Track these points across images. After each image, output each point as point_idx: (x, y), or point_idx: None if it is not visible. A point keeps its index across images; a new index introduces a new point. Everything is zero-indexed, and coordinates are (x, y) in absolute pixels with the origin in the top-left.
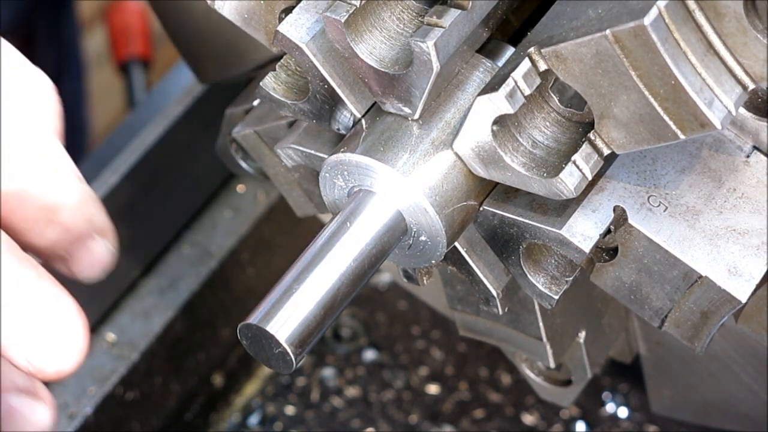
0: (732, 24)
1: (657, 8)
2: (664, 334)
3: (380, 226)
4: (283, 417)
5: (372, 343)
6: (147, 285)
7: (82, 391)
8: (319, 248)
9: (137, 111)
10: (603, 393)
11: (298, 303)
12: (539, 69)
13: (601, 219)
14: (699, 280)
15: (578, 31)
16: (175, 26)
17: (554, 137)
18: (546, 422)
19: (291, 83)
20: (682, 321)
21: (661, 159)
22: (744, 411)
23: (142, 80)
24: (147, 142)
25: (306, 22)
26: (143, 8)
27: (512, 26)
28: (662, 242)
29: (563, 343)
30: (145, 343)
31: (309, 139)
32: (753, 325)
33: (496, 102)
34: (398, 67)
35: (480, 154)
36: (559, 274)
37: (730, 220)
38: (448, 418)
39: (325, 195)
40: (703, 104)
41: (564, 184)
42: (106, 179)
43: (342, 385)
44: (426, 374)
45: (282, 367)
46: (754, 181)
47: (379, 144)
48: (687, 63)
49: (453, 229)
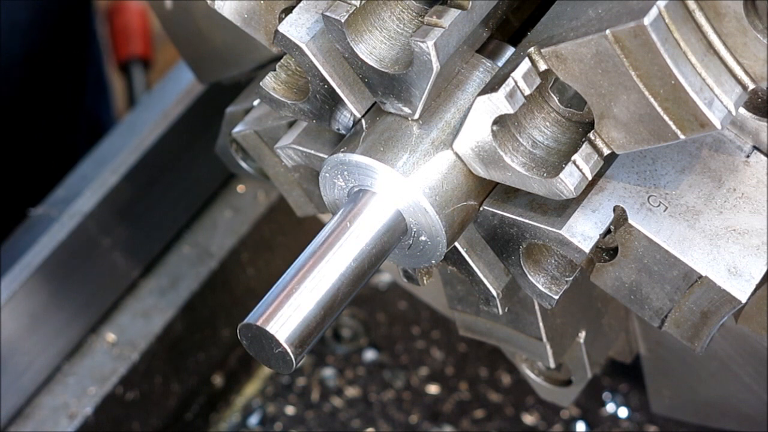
0: (732, 24)
1: (657, 8)
2: (664, 334)
3: (380, 226)
4: (283, 417)
5: (372, 343)
6: (147, 285)
7: (82, 391)
8: (319, 248)
9: (137, 111)
10: (603, 393)
11: (298, 303)
12: (539, 69)
13: (601, 219)
14: (699, 280)
15: (578, 31)
16: (175, 26)
17: (554, 137)
18: (546, 422)
19: (291, 83)
20: (682, 321)
21: (661, 159)
22: (744, 411)
23: (142, 80)
24: (147, 142)
25: (306, 22)
26: (143, 8)
27: (512, 26)
28: (662, 242)
29: (563, 343)
30: (145, 343)
31: (309, 139)
32: (753, 325)
33: (496, 102)
34: (398, 67)
35: (480, 154)
36: (559, 274)
37: (730, 220)
38: (448, 418)
39: (325, 195)
40: (703, 104)
41: (564, 184)
42: (106, 179)
43: (342, 385)
44: (426, 374)
45: (282, 367)
46: (754, 181)
47: (379, 144)
48: (687, 63)
49: (453, 229)
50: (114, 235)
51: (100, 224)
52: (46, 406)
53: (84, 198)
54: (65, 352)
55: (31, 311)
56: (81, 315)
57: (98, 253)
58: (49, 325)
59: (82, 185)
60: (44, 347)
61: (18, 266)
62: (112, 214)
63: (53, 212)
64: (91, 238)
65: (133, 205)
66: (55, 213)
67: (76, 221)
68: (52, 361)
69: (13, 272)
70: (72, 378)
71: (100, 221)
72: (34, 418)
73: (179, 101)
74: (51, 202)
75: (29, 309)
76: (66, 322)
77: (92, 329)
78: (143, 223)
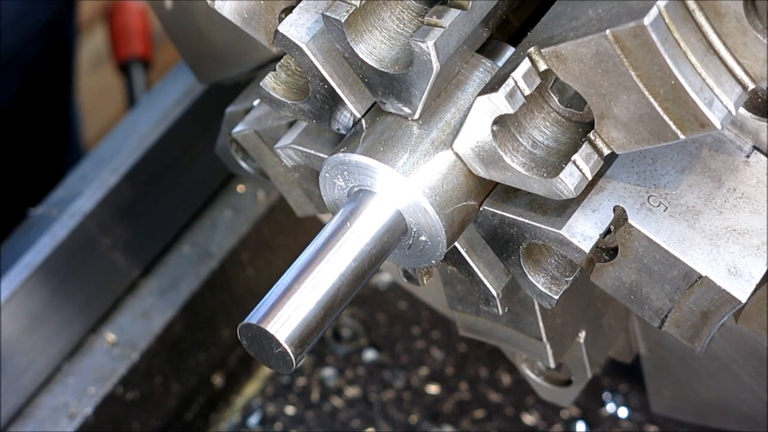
0: (732, 24)
1: (657, 8)
2: (664, 334)
3: (380, 226)
4: (283, 417)
5: (372, 343)
6: (147, 285)
7: (82, 391)
8: (319, 248)
9: (137, 111)
10: (603, 393)
11: (298, 303)
12: (539, 69)
13: (601, 219)
14: (699, 280)
15: (578, 31)
16: (175, 26)
17: (554, 137)
18: (546, 422)
19: (291, 83)
20: (682, 321)
21: (661, 159)
22: (744, 411)
23: (142, 80)
24: (147, 142)
25: (306, 22)
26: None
27: (512, 26)
28: (662, 242)
29: (563, 343)
30: (145, 343)
31: (309, 139)
32: (753, 325)
33: (496, 102)
34: (398, 67)
35: (480, 154)
36: (559, 274)
37: (730, 220)
38: (448, 418)
39: (325, 195)
40: (703, 104)
41: (564, 184)
42: (106, 179)
43: (342, 385)
44: (426, 374)
45: (282, 367)
46: (754, 181)
47: (379, 144)
48: (687, 63)
49: (453, 229)
50: (114, 235)
51: (100, 224)
52: (46, 406)
53: (84, 198)
54: (65, 352)
55: (31, 311)
56: (81, 315)
57: (98, 253)
58: (49, 325)
59: (82, 185)
60: (44, 347)
61: (18, 266)
62: (112, 214)
63: (53, 212)
64: (91, 238)
65: (133, 205)
66: (55, 213)
67: (76, 221)
68: (52, 361)
69: (13, 272)
70: (72, 378)
71: (100, 221)
72: (34, 418)
73: (179, 101)
74: (51, 202)
75: (29, 309)
76: (66, 322)
77: (92, 329)
78: (143, 223)
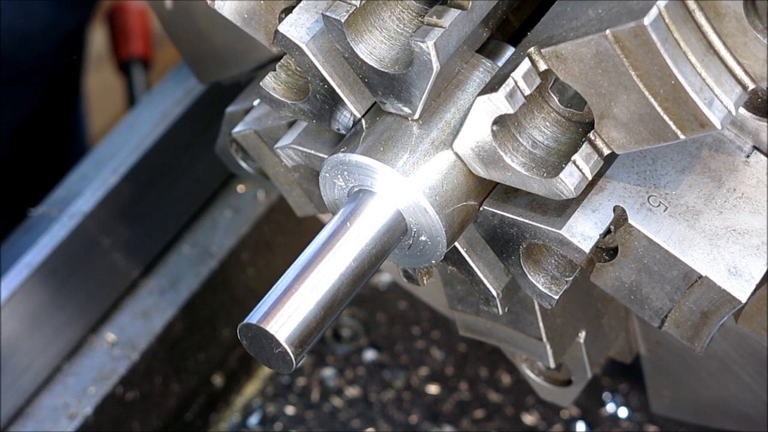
0: (732, 24)
1: (657, 8)
2: (664, 334)
3: (380, 226)
4: (283, 417)
5: (372, 343)
6: (147, 285)
7: (82, 391)
8: (319, 248)
9: (137, 111)
10: (603, 393)
11: (298, 303)
12: (539, 69)
13: (601, 219)
14: (699, 280)
15: (578, 31)
16: (175, 26)
17: (554, 137)
18: (546, 422)
19: (291, 83)
20: (682, 321)
21: (661, 159)
22: (744, 411)
23: (142, 80)
24: (147, 142)
25: (306, 22)
26: (143, 8)
27: (512, 26)
28: (662, 242)
29: (563, 343)
30: (145, 343)
31: (309, 139)
32: (753, 325)
33: (496, 102)
34: (398, 67)
35: (480, 154)
36: (559, 274)
37: (730, 220)
38: (448, 418)
39: (325, 195)
40: (703, 104)
41: (564, 184)
42: (106, 179)
43: (342, 385)
44: (426, 374)
45: (282, 367)
46: (754, 181)
47: (379, 144)
48: (687, 63)
49: (453, 229)
50: (114, 235)
51: (100, 224)
52: (46, 406)
53: (84, 198)
54: (65, 352)
55: (31, 311)
56: (81, 315)
57: (98, 253)
58: (49, 325)
59: (82, 185)
60: (44, 347)
61: (18, 266)
62: (112, 214)
63: (53, 212)
64: (91, 238)
65: (133, 205)
66: (55, 213)
67: (76, 221)
68: (52, 361)
69: (13, 272)
70: (72, 378)
71: (100, 221)
72: (34, 418)
73: (179, 101)
74: (51, 202)
75: (29, 309)
76: (66, 322)
77: (92, 329)
78: (143, 223)
